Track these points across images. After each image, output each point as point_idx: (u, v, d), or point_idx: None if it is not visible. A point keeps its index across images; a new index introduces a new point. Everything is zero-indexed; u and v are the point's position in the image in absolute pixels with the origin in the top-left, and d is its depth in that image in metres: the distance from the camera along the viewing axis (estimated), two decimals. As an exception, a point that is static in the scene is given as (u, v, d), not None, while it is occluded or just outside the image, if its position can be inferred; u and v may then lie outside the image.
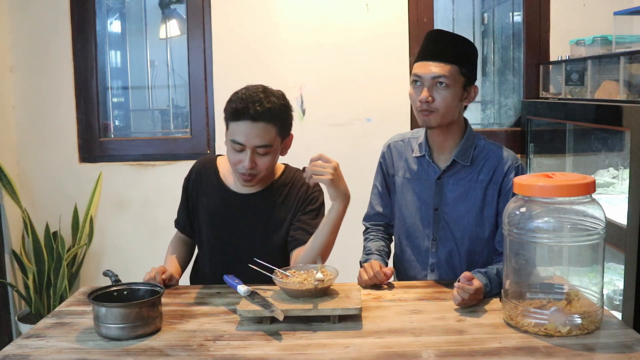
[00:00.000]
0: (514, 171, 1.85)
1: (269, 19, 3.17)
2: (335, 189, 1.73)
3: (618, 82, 2.37)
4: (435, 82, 1.80)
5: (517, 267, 1.59)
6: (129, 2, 3.50)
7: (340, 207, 1.76)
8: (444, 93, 1.79)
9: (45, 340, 1.49)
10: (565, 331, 1.44)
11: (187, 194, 1.99)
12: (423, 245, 1.94)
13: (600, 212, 1.50)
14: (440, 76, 1.79)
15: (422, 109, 1.81)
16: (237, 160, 1.79)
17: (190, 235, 2.03)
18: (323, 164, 1.71)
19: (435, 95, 1.80)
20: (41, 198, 3.30)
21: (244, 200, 1.91)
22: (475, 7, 3.45)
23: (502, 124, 3.43)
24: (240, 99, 1.76)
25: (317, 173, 1.70)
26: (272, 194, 1.91)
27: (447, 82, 1.79)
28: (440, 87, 1.79)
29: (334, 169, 1.71)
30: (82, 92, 3.28)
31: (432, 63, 1.80)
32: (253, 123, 1.75)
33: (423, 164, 1.94)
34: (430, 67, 1.80)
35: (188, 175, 2.01)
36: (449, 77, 1.79)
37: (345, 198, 1.76)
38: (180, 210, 2.03)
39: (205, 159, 2.03)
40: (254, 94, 1.76)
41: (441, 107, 1.80)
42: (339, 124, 3.20)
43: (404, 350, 1.39)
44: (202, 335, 1.49)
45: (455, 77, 1.80)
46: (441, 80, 1.79)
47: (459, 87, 1.81)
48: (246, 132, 1.75)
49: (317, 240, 1.79)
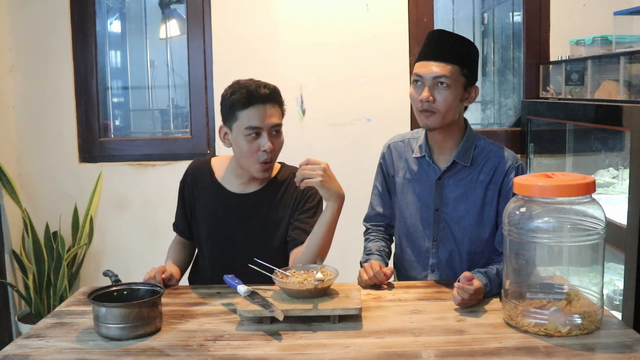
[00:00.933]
0: (514, 171, 1.85)
1: (269, 19, 3.17)
2: (327, 190, 1.73)
3: (618, 82, 2.37)
4: (436, 82, 1.79)
5: (517, 267, 1.59)
6: (129, 2, 3.50)
7: (334, 208, 1.76)
8: (445, 93, 1.79)
9: (45, 340, 1.49)
10: (565, 331, 1.44)
11: (184, 197, 1.99)
12: (423, 245, 1.94)
13: (600, 212, 1.50)
14: (442, 76, 1.78)
15: (423, 109, 1.81)
16: (255, 147, 1.81)
17: (189, 238, 2.03)
18: (312, 167, 1.72)
19: (436, 96, 1.79)
20: (41, 198, 3.30)
21: (241, 200, 1.91)
22: (475, 7, 3.45)
23: (502, 124, 3.43)
24: (243, 87, 1.81)
25: (307, 176, 1.71)
26: (270, 193, 1.91)
27: (448, 82, 1.78)
28: (441, 87, 1.79)
29: (323, 170, 1.71)
30: (82, 92, 3.28)
31: (434, 63, 1.80)
32: (264, 105, 1.80)
33: (423, 165, 1.94)
34: (432, 67, 1.80)
35: (183, 178, 2.00)
36: (450, 77, 1.78)
37: (338, 198, 1.75)
38: (178, 214, 2.02)
39: (199, 160, 2.03)
40: (252, 82, 1.83)
41: (442, 107, 1.80)
42: (339, 124, 3.20)
43: (404, 350, 1.39)
44: (202, 335, 1.49)
45: (456, 77, 1.80)
46: (442, 80, 1.79)
47: (459, 87, 1.81)
48: (260, 114, 1.79)
49: (313, 241, 1.79)
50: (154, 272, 1.81)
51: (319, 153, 1.89)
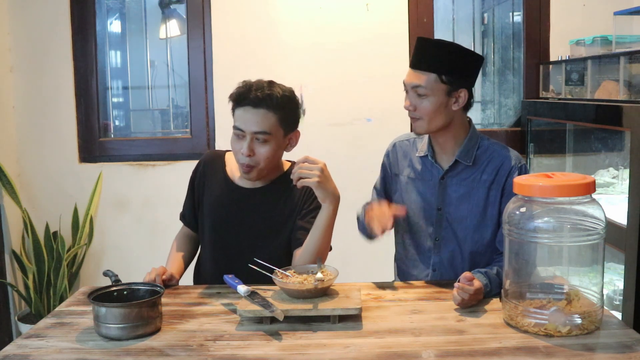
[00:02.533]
0: (518, 171, 1.84)
1: (269, 19, 3.17)
2: (323, 191, 1.72)
3: (618, 82, 2.37)
4: (415, 91, 1.82)
5: (517, 267, 1.59)
6: (129, 2, 3.50)
7: (329, 209, 1.76)
8: (423, 102, 1.82)
9: (45, 340, 1.49)
10: (565, 331, 1.44)
11: (194, 186, 1.99)
12: (425, 244, 1.94)
13: (600, 212, 1.50)
14: (418, 86, 1.81)
15: (410, 116, 1.87)
16: (238, 148, 1.81)
17: (195, 229, 2.02)
18: (309, 166, 1.70)
19: (416, 104, 1.83)
20: (41, 198, 3.30)
21: (248, 195, 1.91)
22: (475, 7, 3.45)
23: (502, 124, 3.43)
24: (245, 85, 1.81)
25: (304, 176, 1.70)
26: (277, 190, 1.91)
27: (424, 91, 1.80)
28: (420, 96, 1.82)
29: (320, 170, 1.70)
30: (82, 92, 3.28)
31: (413, 72, 1.83)
32: (253, 109, 1.77)
33: (426, 164, 1.94)
34: (411, 76, 1.83)
35: (195, 168, 2.00)
36: (426, 87, 1.80)
37: (334, 199, 1.75)
38: (186, 203, 2.02)
39: (214, 152, 2.05)
40: (259, 82, 1.82)
41: (423, 115, 1.83)
42: (339, 124, 3.20)
43: (404, 350, 1.39)
44: (202, 335, 1.49)
45: (433, 85, 1.80)
46: (419, 90, 1.81)
47: (439, 94, 1.81)
48: (246, 117, 1.78)
49: (311, 243, 1.79)
50: (154, 273, 1.81)
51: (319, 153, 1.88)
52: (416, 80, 1.81)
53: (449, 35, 3.39)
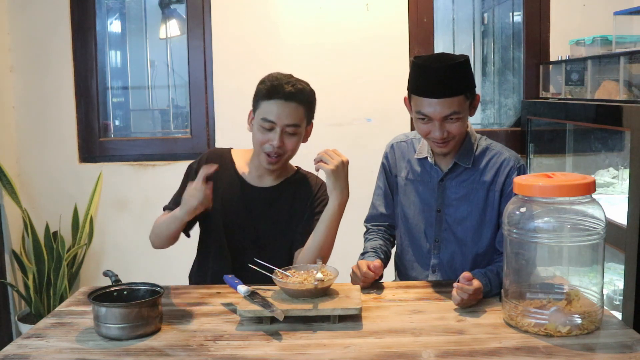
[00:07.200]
0: (517, 172, 1.84)
1: (269, 19, 3.17)
2: (334, 181, 1.76)
3: (618, 82, 2.37)
4: (446, 118, 1.76)
5: (517, 267, 1.59)
6: (129, 2, 3.50)
7: (335, 204, 1.78)
8: (458, 124, 1.78)
9: (45, 340, 1.49)
10: (565, 331, 1.44)
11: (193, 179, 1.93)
12: (425, 246, 1.94)
13: (600, 212, 1.50)
14: (453, 112, 1.75)
15: (439, 142, 1.80)
16: (266, 139, 1.83)
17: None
18: (332, 154, 1.78)
19: (450, 128, 1.77)
20: (41, 198, 3.30)
21: (260, 193, 1.93)
22: (475, 7, 3.45)
23: (502, 124, 3.43)
24: (274, 78, 1.85)
25: (325, 160, 1.76)
26: (288, 189, 1.94)
27: (458, 116, 1.76)
28: (452, 120, 1.77)
29: (341, 162, 1.77)
30: (82, 92, 3.28)
31: (439, 101, 1.73)
32: (285, 102, 1.83)
33: (425, 166, 1.94)
34: (440, 106, 1.74)
35: (198, 163, 1.95)
36: (461, 111, 1.76)
37: (341, 194, 1.78)
38: (178, 196, 1.90)
39: (219, 149, 2.06)
40: (286, 76, 1.87)
41: (457, 135, 1.80)
42: (339, 124, 3.19)
43: (404, 350, 1.39)
44: (202, 335, 1.49)
45: (464, 105, 1.77)
46: (454, 116, 1.76)
47: (467, 110, 1.80)
48: (278, 110, 1.82)
49: (314, 239, 1.80)
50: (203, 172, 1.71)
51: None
52: (449, 109, 1.74)
53: (449, 35, 3.39)
